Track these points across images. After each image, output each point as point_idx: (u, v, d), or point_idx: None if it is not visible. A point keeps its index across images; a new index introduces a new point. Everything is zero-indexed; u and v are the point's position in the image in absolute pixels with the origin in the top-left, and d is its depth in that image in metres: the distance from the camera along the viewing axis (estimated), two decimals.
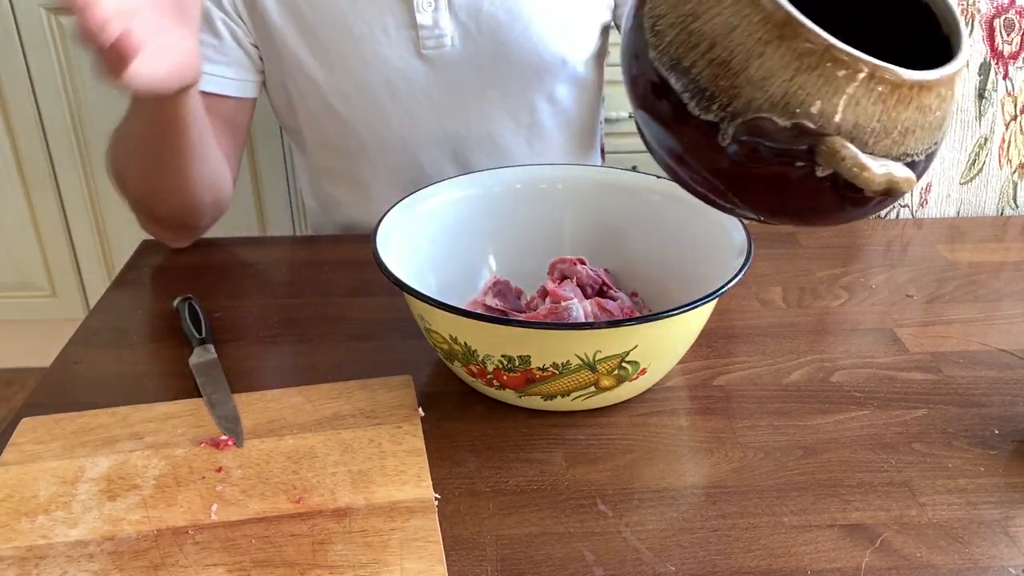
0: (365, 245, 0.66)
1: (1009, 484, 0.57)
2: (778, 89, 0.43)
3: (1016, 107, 1.09)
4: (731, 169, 0.46)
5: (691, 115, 0.45)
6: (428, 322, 0.61)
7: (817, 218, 0.51)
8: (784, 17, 0.42)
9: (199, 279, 0.82)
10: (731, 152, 0.45)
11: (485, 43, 0.88)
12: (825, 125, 0.43)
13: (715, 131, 0.45)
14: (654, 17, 0.47)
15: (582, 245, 0.76)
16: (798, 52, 0.42)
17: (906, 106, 0.44)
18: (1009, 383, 0.67)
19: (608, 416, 0.63)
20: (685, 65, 0.45)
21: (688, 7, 0.45)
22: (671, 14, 0.46)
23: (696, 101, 0.45)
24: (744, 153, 0.45)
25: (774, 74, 0.43)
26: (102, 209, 1.79)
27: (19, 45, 1.63)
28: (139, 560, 0.51)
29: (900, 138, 0.46)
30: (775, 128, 0.44)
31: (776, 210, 0.50)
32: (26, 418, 0.63)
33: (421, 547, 0.51)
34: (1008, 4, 1.12)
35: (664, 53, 0.46)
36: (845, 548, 0.52)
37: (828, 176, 0.45)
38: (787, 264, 0.84)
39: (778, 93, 0.43)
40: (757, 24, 0.43)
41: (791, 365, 0.69)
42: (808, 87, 0.43)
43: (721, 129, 0.45)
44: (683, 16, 0.45)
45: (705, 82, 0.45)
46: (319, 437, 0.60)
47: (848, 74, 0.43)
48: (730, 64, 0.44)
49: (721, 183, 0.48)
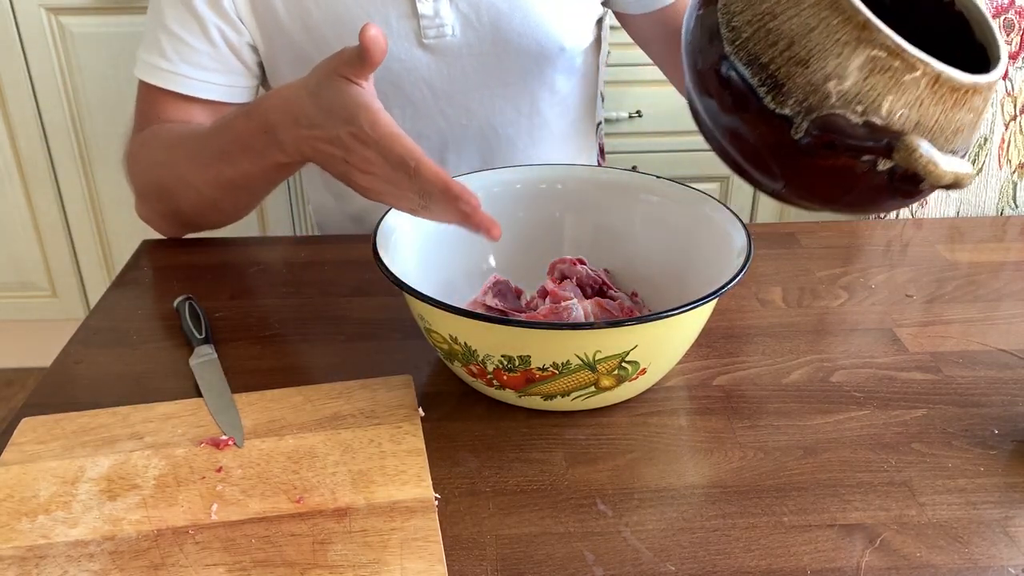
0: (365, 245, 0.66)
1: (1009, 484, 0.57)
2: (852, 87, 0.46)
3: (1016, 107, 1.09)
4: (798, 161, 0.49)
5: (766, 108, 0.48)
6: (428, 322, 0.61)
7: (863, 208, 0.54)
8: (863, 21, 0.45)
9: (199, 279, 0.82)
10: (803, 145, 0.48)
11: (485, 32, 0.88)
12: (892, 123, 0.46)
13: (788, 125, 0.48)
14: (729, 13, 0.50)
15: (582, 245, 0.76)
16: (874, 54, 0.46)
17: (960, 107, 0.47)
18: (1009, 383, 0.67)
19: (608, 416, 0.63)
20: (763, 61, 0.48)
21: (766, 6, 0.48)
22: (748, 11, 0.49)
23: (772, 96, 0.48)
24: (816, 146, 0.48)
25: (849, 73, 0.46)
26: (102, 209, 1.80)
27: (19, 45, 1.63)
28: (139, 560, 0.51)
29: (952, 136, 0.48)
30: (847, 124, 0.47)
31: (828, 199, 0.53)
32: (26, 418, 0.63)
33: (421, 547, 0.51)
34: (1008, 4, 1.12)
35: (741, 48, 0.49)
36: (845, 548, 0.52)
37: (887, 170, 0.48)
38: (787, 264, 0.84)
39: (852, 91, 0.46)
40: (836, 26, 0.46)
41: (791, 365, 0.69)
42: (880, 87, 0.46)
43: (795, 123, 0.48)
44: (761, 14, 0.48)
45: (782, 78, 0.47)
46: (319, 437, 0.60)
47: (917, 77, 0.46)
48: (808, 62, 0.47)
49: (783, 172, 0.51)
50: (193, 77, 0.86)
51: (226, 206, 0.83)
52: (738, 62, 0.49)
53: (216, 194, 0.80)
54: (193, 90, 0.86)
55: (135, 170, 0.88)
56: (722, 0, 0.50)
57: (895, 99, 0.46)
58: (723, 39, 0.50)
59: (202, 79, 0.86)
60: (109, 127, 1.70)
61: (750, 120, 0.50)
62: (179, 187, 0.82)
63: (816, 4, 0.47)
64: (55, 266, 1.85)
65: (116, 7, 1.61)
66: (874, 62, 0.46)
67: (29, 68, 1.65)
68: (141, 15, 1.59)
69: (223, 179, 0.78)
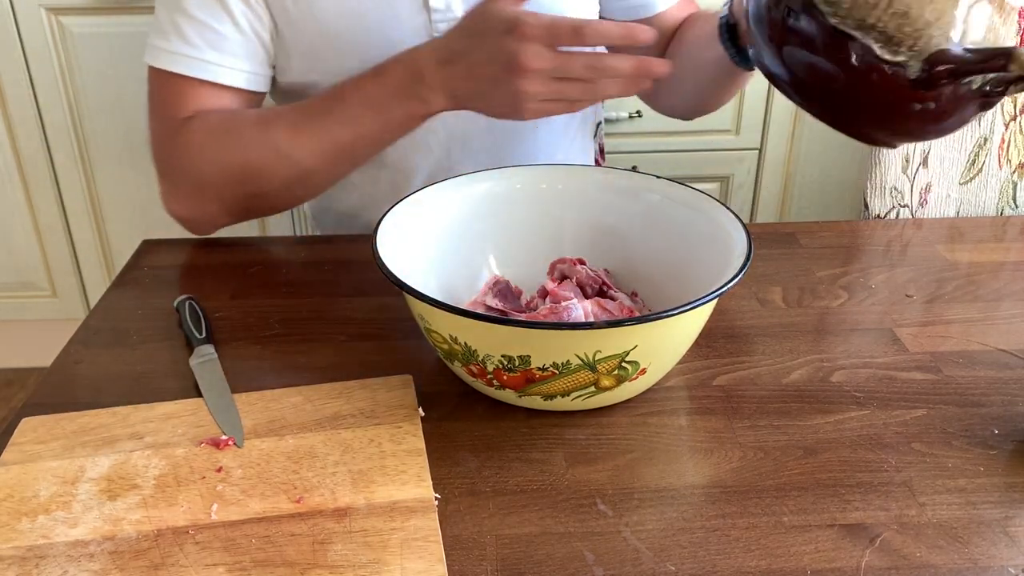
0: (365, 245, 0.66)
1: (1009, 484, 0.57)
2: (948, 24, 0.58)
3: (1016, 107, 1.09)
4: (913, 96, 0.60)
5: (881, 59, 0.59)
6: (428, 322, 0.61)
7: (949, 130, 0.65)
8: None
9: (199, 279, 0.82)
10: (920, 81, 0.59)
11: None
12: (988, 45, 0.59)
13: (903, 68, 0.59)
14: None
15: (582, 245, 0.76)
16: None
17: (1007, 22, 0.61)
18: (1009, 383, 0.67)
19: (608, 416, 0.63)
20: (870, 22, 0.58)
21: None
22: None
23: (885, 48, 0.58)
24: (932, 80, 0.59)
25: (945, 12, 0.58)
26: (102, 209, 1.80)
27: (19, 45, 1.63)
28: (139, 560, 0.51)
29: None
30: (955, 55, 0.58)
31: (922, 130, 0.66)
32: (26, 418, 0.63)
33: (421, 547, 0.51)
34: None
35: (848, 16, 0.59)
36: (845, 548, 0.52)
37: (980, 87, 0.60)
38: (787, 264, 0.84)
39: (948, 27, 0.58)
40: None
41: (791, 365, 0.69)
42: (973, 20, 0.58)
43: (910, 66, 0.58)
44: None
45: (892, 31, 0.58)
46: (319, 437, 0.60)
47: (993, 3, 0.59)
48: (908, 14, 0.57)
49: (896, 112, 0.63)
50: (222, 64, 0.83)
51: (319, 179, 0.83)
52: (848, 27, 0.59)
53: (318, 164, 0.80)
54: (222, 78, 0.84)
55: (198, 159, 0.83)
56: None
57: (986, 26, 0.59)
58: (823, 12, 0.59)
59: (231, 66, 0.84)
60: (109, 127, 1.70)
61: (863, 72, 0.60)
62: (273, 163, 0.81)
63: None
64: (55, 266, 1.85)
65: (116, 7, 1.60)
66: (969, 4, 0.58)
67: (29, 68, 1.65)
68: (141, 15, 1.60)
69: (337, 145, 0.79)
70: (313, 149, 0.79)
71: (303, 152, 0.80)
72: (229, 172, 0.83)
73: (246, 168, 0.82)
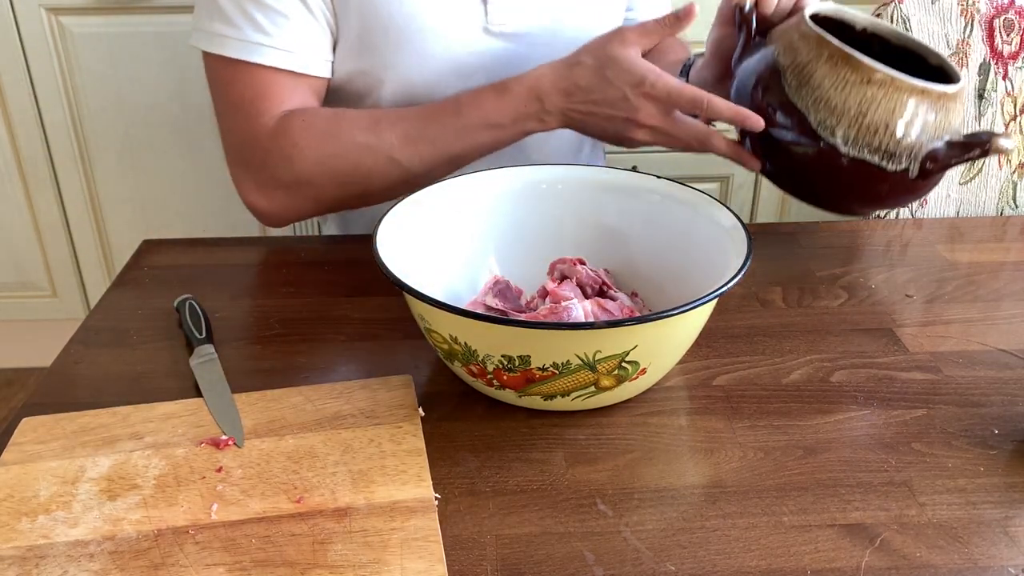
0: (365, 245, 0.66)
1: (1009, 484, 0.57)
2: (932, 130, 0.70)
3: (1016, 107, 1.09)
4: (914, 187, 0.72)
5: (886, 171, 0.71)
6: (428, 322, 0.61)
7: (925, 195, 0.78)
8: (920, 89, 0.69)
9: (199, 279, 0.82)
10: (918, 178, 0.71)
11: (546, 25, 0.91)
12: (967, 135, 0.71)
13: (905, 173, 0.71)
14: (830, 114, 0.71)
15: (582, 245, 0.76)
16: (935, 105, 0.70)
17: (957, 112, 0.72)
18: (1009, 383, 0.67)
19: (608, 416, 0.63)
20: (875, 145, 0.70)
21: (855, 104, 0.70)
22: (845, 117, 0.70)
23: (888, 162, 0.71)
24: (930, 174, 0.71)
25: (927, 123, 0.70)
26: (102, 209, 1.79)
27: (19, 45, 1.63)
28: (139, 560, 0.51)
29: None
30: (943, 150, 0.70)
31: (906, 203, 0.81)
32: (26, 418, 0.63)
33: (421, 547, 0.51)
34: (1008, 4, 1.12)
35: (856, 143, 0.70)
36: (845, 548, 0.52)
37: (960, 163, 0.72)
38: (787, 264, 0.84)
39: (932, 131, 0.70)
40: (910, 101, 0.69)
41: (791, 365, 0.69)
42: (946, 120, 0.71)
43: (909, 169, 0.71)
44: (858, 114, 0.70)
45: (892, 148, 0.70)
46: (319, 437, 0.60)
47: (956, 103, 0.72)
48: (904, 132, 0.70)
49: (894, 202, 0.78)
50: (299, 52, 0.83)
51: (424, 182, 0.82)
52: (854, 151, 0.71)
53: (427, 171, 0.83)
54: (300, 66, 0.84)
55: (301, 161, 0.83)
56: (818, 117, 0.71)
57: (956, 122, 0.71)
58: (834, 141, 0.71)
59: (308, 53, 0.84)
60: (109, 127, 1.70)
61: (873, 182, 0.72)
62: (383, 168, 0.83)
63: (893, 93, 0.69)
64: (55, 266, 1.85)
65: (116, 7, 1.60)
66: (934, 109, 0.70)
67: (29, 68, 1.65)
68: (141, 15, 1.60)
69: (449, 156, 0.82)
70: (425, 158, 0.82)
71: (415, 160, 0.82)
72: (335, 175, 0.84)
73: (354, 172, 0.83)
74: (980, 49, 1.13)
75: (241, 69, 0.83)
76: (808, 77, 0.72)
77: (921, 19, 1.13)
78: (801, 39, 0.74)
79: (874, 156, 0.70)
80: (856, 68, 0.70)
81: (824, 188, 0.75)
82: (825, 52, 0.72)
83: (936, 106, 0.70)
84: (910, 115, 0.70)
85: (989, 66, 1.13)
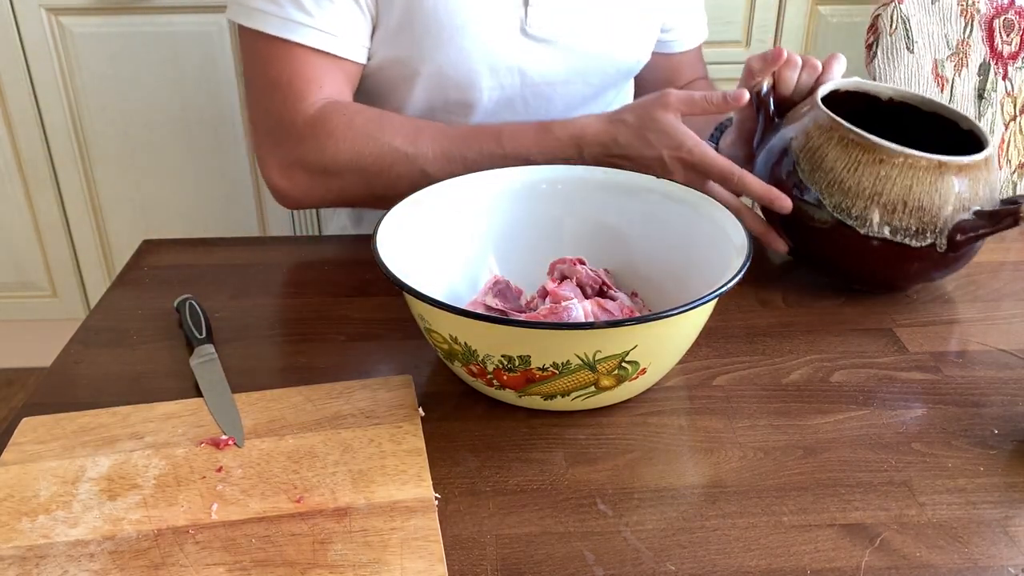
0: (365, 245, 0.66)
1: (1009, 484, 0.57)
2: (956, 202, 0.70)
3: (1015, 107, 1.09)
4: (945, 261, 0.72)
5: (912, 248, 0.71)
6: (428, 322, 0.61)
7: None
8: (936, 163, 0.69)
9: (199, 279, 0.82)
10: (948, 252, 0.71)
11: (585, 32, 0.92)
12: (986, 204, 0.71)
13: (933, 248, 0.70)
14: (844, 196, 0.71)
15: (582, 245, 0.76)
16: (957, 176, 0.70)
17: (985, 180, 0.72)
18: (1009, 383, 0.67)
19: (608, 416, 0.63)
20: (896, 224, 0.70)
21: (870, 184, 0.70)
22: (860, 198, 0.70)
23: (913, 239, 0.70)
24: (960, 246, 0.70)
25: (950, 195, 0.70)
26: (102, 209, 1.80)
27: (19, 45, 1.63)
28: (139, 560, 0.51)
29: None
30: (971, 222, 0.70)
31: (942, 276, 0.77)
32: (26, 418, 0.63)
33: (421, 547, 0.51)
34: (1008, 4, 1.12)
35: (875, 223, 0.70)
36: (845, 548, 0.52)
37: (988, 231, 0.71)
38: (787, 264, 0.84)
39: (957, 203, 0.70)
40: (927, 176, 0.69)
41: (791, 365, 0.69)
42: (972, 190, 0.70)
43: (937, 244, 0.70)
44: (873, 194, 0.70)
45: (914, 225, 0.70)
46: (319, 437, 0.60)
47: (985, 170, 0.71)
48: (925, 208, 0.70)
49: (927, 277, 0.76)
50: (341, 35, 0.84)
51: None
52: (882, 231, 0.70)
53: (444, 178, 0.81)
54: (341, 50, 0.85)
55: (333, 150, 0.83)
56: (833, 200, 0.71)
57: (985, 190, 0.71)
58: (852, 223, 0.71)
59: (349, 38, 0.84)
60: (109, 127, 1.70)
61: (903, 260, 0.72)
62: (410, 176, 0.83)
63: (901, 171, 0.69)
64: (55, 266, 1.85)
65: (116, 7, 1.60)
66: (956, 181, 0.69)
67: (29, 68, 1.65)
68: (141, 15, 1.60)
69: (470, 169, 0.80)
70: (453, 173, 0.81)
71: (443, 174, 0.81)
72: (364, 171, 0.84)
73: (384, 176, 0.84)
74: (980, 49, 1.13)
75: (280, 47, 0.83)
76: (820, 160, 0.72)
77: (921, 19, 1.13)
78: (812, 122, 0.74)
79: (896, 235, 0.70)
80: (867, 148, 0.70)
81: (853, 269, 0.75)
82: (836, 135, 0.72)
83: (958, 177, 0.69)
84: (929, 190, 0.69)
85: (989, 66, 1.13)
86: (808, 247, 0.77)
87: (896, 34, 1.13)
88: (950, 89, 1.14)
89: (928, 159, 0.69)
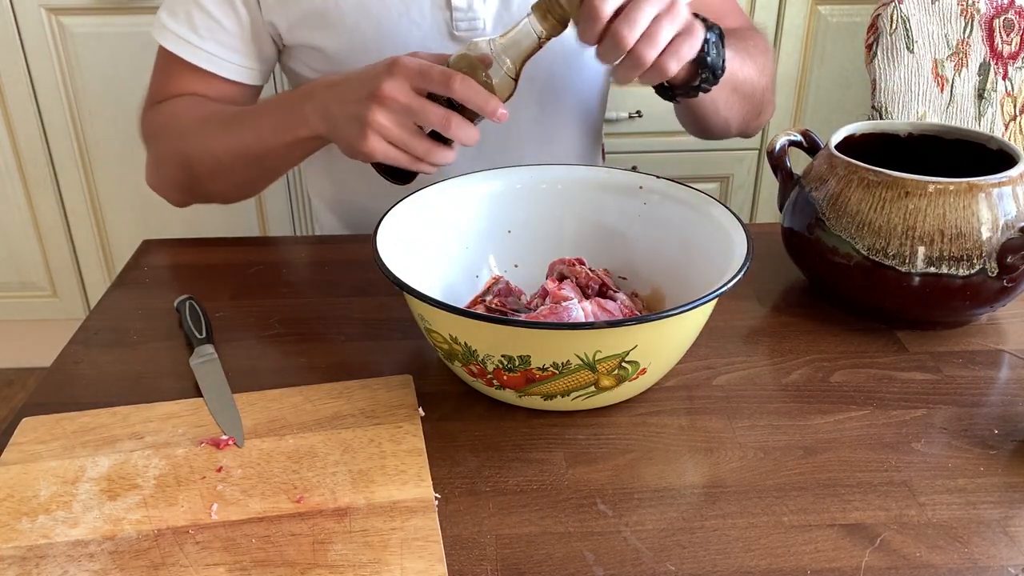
0: (365, 245, 0.66)
1: (1009, 484, 0.57)
2: (999, 223, 0.67)
3: (1016, 107, 1.09)
4: (1000, 285, 0.68)
5: (960, 277, 0.68)
6: (428, 322, 0.61)
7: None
8: (967, 186, 0.67)
9: (199, 279, 0.82)
10: (1000, 275, 0.68)
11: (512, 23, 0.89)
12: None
13: (984, 273, 0.67)
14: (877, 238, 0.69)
15: (582, 245, 0.76)
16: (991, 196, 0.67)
17: None
18: (1009, 383, 0.67)
19: (608, 416, 0.63)
20: (937, 255, 0.67)
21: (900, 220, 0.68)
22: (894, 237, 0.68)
23: (958, 267, 0.67)
24: (1014, 268, 0.67)
25: (989, 217, 0.67)
26: (102, 209, 1.80)
27: (19, 45, 1.63)
28: (140, 560, 0.51)
29: None
30: (1019, 240, 0.66)
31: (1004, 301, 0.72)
32: (27, 418, 0.63)
33: (421, 547, 0.51)
34: (1008, 4, 1.12)
35: (914, 259, 0.68)
36: (845, 548, 0.52)
37: None
38: (787, 264, 0.84)
39: (1000, 223, 0.67)
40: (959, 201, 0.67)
41: (791, 365, 0.69)
42: (1016, 207, 0.68)
43: (987, 268, 0.67)
44: (906, 229, 0.68)
45: (956, 253, 0.67)
46: (319, 437, 0.60)
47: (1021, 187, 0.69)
48: (964, 233, 0.67)
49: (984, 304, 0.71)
50: (219, 56, 0.89)
51: (238, 178, 0.88)
52: (919, 268, 0.68)
53: (232, 163, 0.85)
54: (217, 68, 0.89)
55: (160, 139, 0.91)
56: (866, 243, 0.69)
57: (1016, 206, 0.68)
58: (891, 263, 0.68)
59: (226, 59, 0.89)
60: (109, 127, 1.70)
61: (947, 290, 0.68)
62: (201, 156, 0.86)
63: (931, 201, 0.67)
64: (55, 266, 1.85)
65: (116, 7, 1.60)
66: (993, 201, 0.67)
67: (29, 68, 1.65)
68: (141, 15, 1.60)
69: (246, 149, 0.83)
70: (228, 149, 0.84)
71: (222, 150, 0.85)
72: (174, 157, 0.89)
73: (183, 156, 0.88)
74: (980, 49, 1.13)
75: (167, 57, 0.90)
76: (844, 206, 0.70)
77: (921, 19, 1.13)
78: (829, 170, 0.73)
79: (941, 266, 0.67)
80: (890, 185, 0.68)
81: (904, 309, 0.72)
82: (855, 177, 0.70)
83: (994, 197, 0.67)
84: (965, 214, 0.67)
85: (989, 66, 1.13)
86: (851, 294, 0.73)
87: (896, 34, 1.13)
88: (950, 89, 1.14)
89: (956, 183, 0.67)
